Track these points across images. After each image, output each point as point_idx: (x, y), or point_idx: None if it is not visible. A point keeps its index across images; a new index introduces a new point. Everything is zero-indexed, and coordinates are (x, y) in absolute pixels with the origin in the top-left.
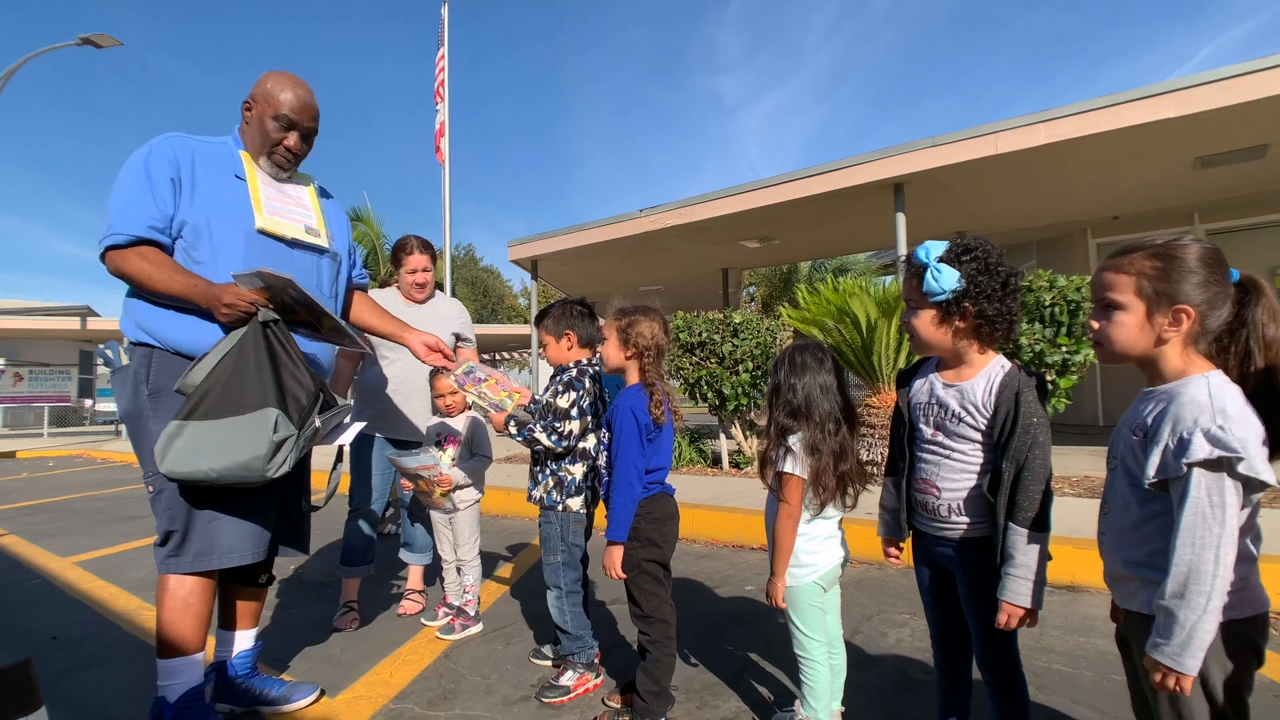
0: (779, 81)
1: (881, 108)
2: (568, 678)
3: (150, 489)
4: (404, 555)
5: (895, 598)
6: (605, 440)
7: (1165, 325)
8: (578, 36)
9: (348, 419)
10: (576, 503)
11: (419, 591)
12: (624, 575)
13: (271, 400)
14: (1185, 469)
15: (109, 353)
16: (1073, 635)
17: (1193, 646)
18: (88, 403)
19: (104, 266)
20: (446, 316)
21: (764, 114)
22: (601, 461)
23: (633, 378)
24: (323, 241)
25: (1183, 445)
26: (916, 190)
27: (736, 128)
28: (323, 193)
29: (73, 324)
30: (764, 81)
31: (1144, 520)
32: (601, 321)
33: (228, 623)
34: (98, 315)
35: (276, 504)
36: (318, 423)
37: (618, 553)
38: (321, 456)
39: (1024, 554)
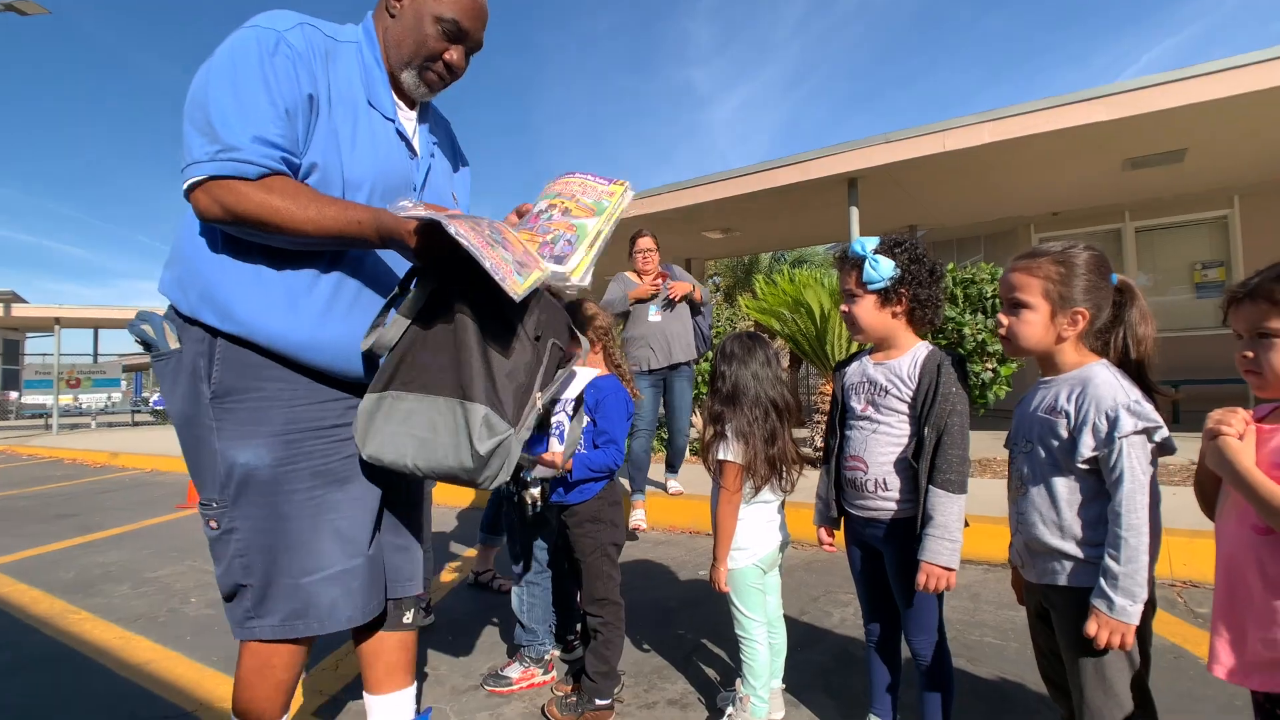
0: (749, 74)
1: (848, 101)
2: (513, 669)
3: (213, 525)
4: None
5: (843, 579)
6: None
7: (1065, 325)
8: (549, 27)
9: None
10: (535, 493)
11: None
12: (568, 469)
13: (479, 392)
14: (1118, 443)
15: (147, 329)
16: (1003, 610)
17: (1137, 602)
18: (12, 395)
19: (191, 205)
20: None
21: (734, 106)
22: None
23: (598, 365)
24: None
25: (1112, 422)
26: (870, 185)
27: (706, 119)
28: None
29: None
30: (735, 74)
31: (1068, 498)
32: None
33: (371, 683)
34: (24, 301)
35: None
36: (541, 400)
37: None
38: None
39: (943, 514)
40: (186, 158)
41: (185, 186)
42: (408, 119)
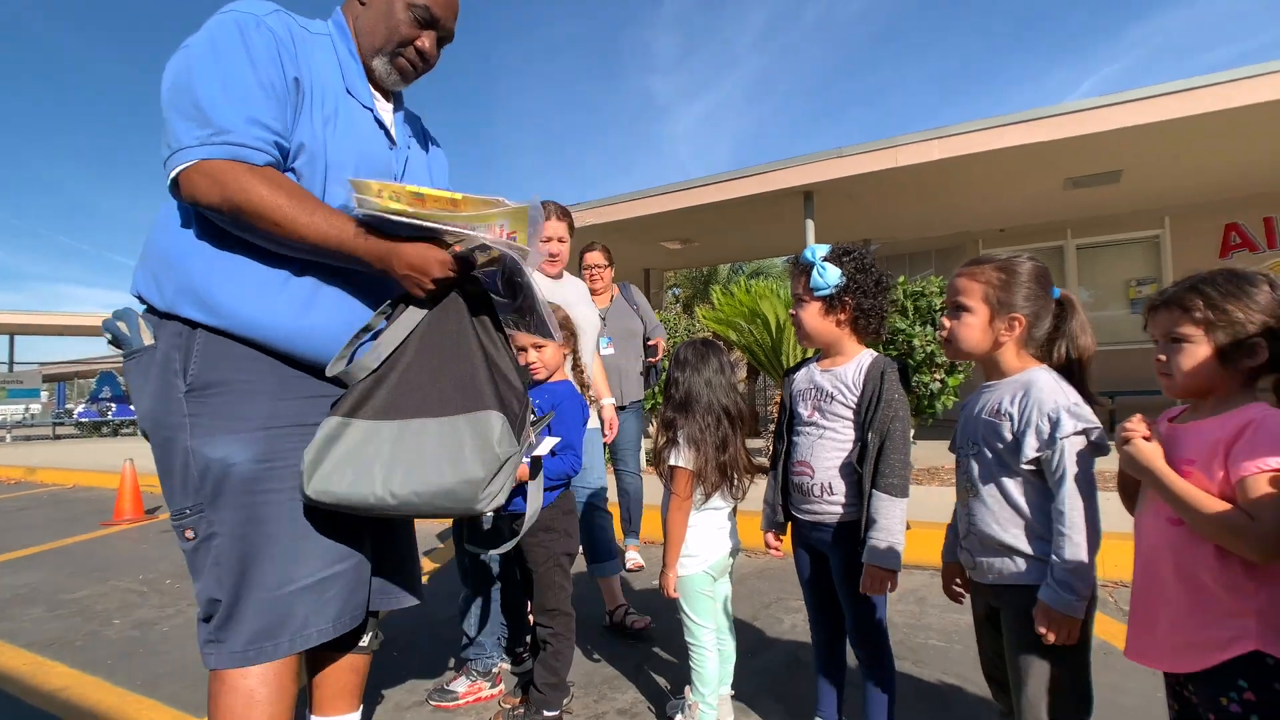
0: (711, 86)
1: (809, 115)
2: (460, 684)
3: (189, 534)
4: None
5: (794, 586)
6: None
7: (1002, 329)
8: (510, 35)
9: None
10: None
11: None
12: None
13: (490, 401)
14: (1059, 444)
15: (122, 325)
16: (949, 613)
17: (1081, 597)
18: None
19: (181, 193)
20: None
21: (695, 117)
22: None
23: (561, 369)
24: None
25: (1054, 424)
26: (825, 198)
27: (668, 130)
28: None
29: None
30: (696, 85)
31: (1015, 499)
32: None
33: (316, 703)
34: None
35: (370, 533)
36: (532, 437)
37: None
38: None
39: (886, 517)
40: (172, 144)
41: (174, 174)
42: (384, 109)
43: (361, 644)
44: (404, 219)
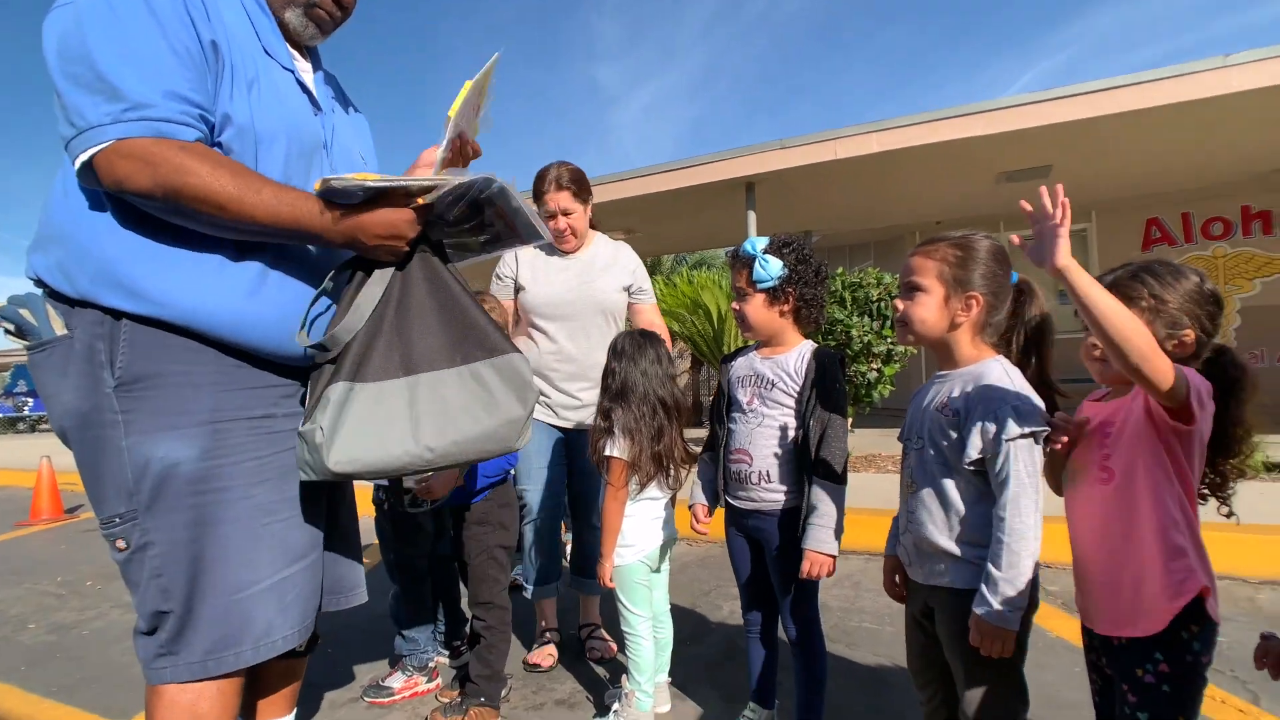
0: (655, 75)
1: (753, 107)
2: (395, 679)
3: (120, 545)
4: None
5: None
6: None
7: (959, 309)
8: (451, 16)
9: None
10: (409, 497)
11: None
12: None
13: (504, 344)
14: (1005, 446)
15: (25, 313)
16: (882, 596)
17: (1016, 608)
18: None
19: (97, 177)
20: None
21: (640, 107)
22: None
23: None
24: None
25: (1000, 424)
26: (767, 190)
27: (614, 119)
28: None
29: None
30: (641, 74)
31: (957, 500)
32: None
33: (248, 708)
34: None
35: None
36: None
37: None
38: None
39: (827, 504)
40: (77, 122)
41: (86, 157)
42: (305, 69)
43: (298, 649)
44: (382, 184)
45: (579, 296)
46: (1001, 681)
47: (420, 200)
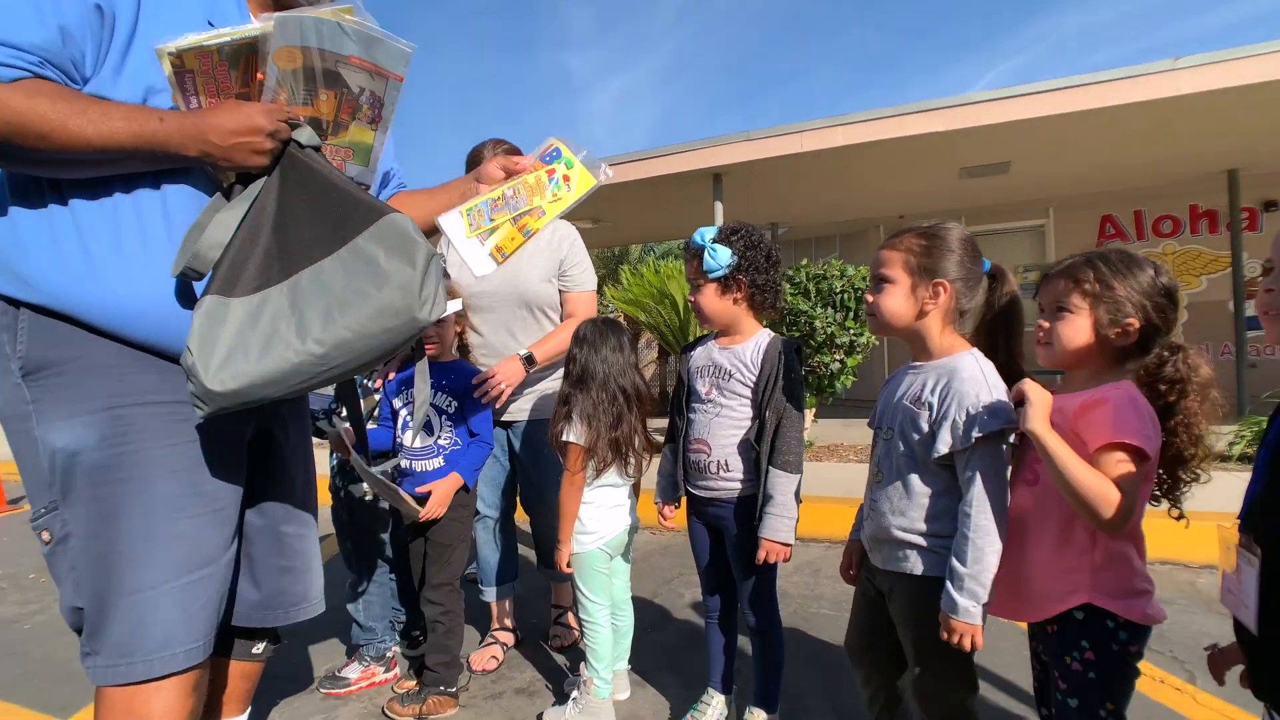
0: (626, 65)
1: (722, 98)
2: (352, 670)
3: (45, 536)
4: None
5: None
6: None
7: (927, 297)
8: (422, 6)
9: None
10: (365, 487)
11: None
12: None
13: (382, 207)
14: (974, 442)
15: None
16: (841, 583)
17: (980, 603)
18: None
19: None
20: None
21: (611, 96)
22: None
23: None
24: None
25: (971, 420)
26: (734, 181)
27: (584, 108)
28: None
29: None
30: (612, 64)
31: (921, 491)
32: None
33: (214, 708)
34: None
35: (241, 519)
36: None
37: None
38: None
39: (782, 493)
40: None
41: None
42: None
43: (255, 651)
44: (224, 38)
45: (498, 288)
46: (952, 665)
47: (259, 75)
